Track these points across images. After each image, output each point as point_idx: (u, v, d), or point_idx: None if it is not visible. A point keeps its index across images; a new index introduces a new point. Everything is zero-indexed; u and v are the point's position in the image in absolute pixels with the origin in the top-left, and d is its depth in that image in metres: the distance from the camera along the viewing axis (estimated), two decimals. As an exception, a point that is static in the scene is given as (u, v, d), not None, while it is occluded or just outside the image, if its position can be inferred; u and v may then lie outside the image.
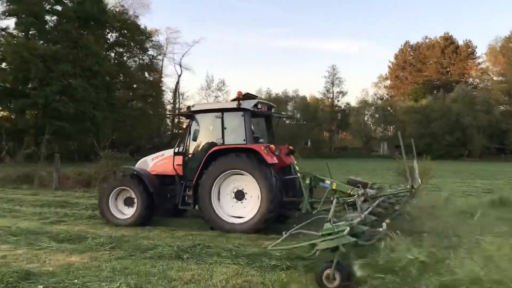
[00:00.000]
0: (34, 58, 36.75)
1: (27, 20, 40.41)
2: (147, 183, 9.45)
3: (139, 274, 5.59)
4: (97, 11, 43.33)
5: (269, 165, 8.52)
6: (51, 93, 37.71)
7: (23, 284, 5.05)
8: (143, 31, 55.30)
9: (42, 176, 17.76)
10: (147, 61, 59.57)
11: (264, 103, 9.70)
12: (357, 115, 75.68)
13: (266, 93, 73.61)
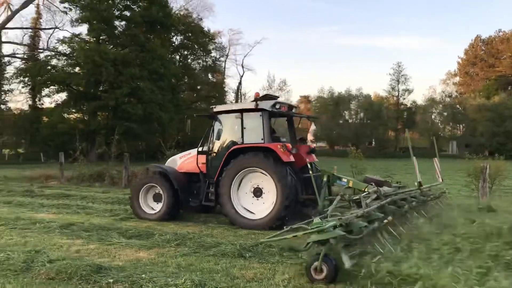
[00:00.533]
0: (105, 62, 38.51)
1: (98, 26, 42.42)
2: (173, 180, 9.89)
3: (203, 271, 5.69)
4: (162, 15, 44.72)
5: (285, 163, 8.75)
6: (120, 95, 39.36)
7: (95, 277, 5.29)
8: (206, 33, 56.50)
9: (113, 174, 18.54)
10: (210, 62, 60.78)
11: (283, 104, 9.90)
12: (424, 114, 72.83)
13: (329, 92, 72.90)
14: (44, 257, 6.03)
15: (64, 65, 45.04)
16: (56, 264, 5.66)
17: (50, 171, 20.92)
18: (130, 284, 5.04)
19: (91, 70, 39.18)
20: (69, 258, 6.04)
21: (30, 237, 7.85)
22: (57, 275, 5.44)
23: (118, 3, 45.07)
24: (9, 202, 12.51)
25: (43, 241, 7.52)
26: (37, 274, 5.51)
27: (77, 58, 41.14)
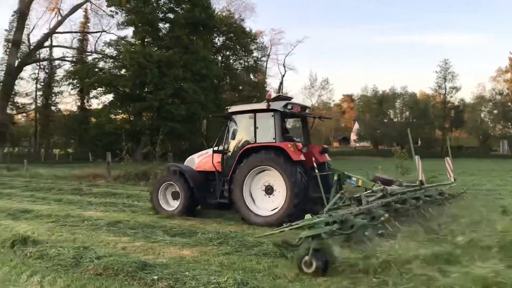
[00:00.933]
0: (149, 64, 39.43)
1: (143, 28, 43.48)
2: (188, 178, 10.21)
3: (245, 270, 5.70)
4: (205, 17, 45.33)
5: (295, 162, 8.90)
6: (164, 96, 40.20)
7: (140, 274, 5.40)
8: (248, 33, 56.85)
9: (157, 173, 18.89)
10: (252, 62, 61.11)
11: (296, 104, 10.05)
12: (473, 112, 70.31)
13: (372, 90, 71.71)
14: (92, 253, 6.21)
15: (111, 67, 46.56)
16: (104, 261, 5.83)
17: (98, 170, 21.56)
18: (174, 281, 5.11)
19: (136, 72, 40.16)
20: (116, 255, 6.20)
21: (79, 234, 8.12)
22: (104, 271, 5.60)
23: (162, 6, 46.07)
24: (59, 200, 12.99)
25: (91, 238, 7.76)
26: (85, 270, 5.69)
27: (123, 60, 42.28)
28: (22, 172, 23.25)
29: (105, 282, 5.26)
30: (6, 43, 43.60)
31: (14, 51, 42.04)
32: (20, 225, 8.91)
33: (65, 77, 49.57)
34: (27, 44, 45.52)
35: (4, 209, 10.71)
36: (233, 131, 10.34)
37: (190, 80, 42.07)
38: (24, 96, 50.47)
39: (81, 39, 51.59)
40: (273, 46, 65.61)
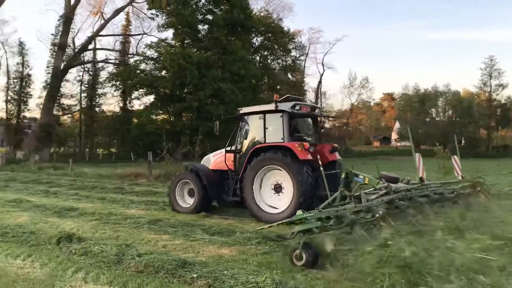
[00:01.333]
0: (189, 65, 39.96)
1: (182, 30, 44.13)
2: (202, 177, 10.62)
3: (283, 270, 5.68)
4: (243, 18, 45.55)
5: (302, 161, 9.11)
6: (203, 97, 40.65)
7: (180, 272, 5.48)
8: (286, 33, 56.74)
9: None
10: (290, 62, 60.98)
11: (305, 105, 10.39)
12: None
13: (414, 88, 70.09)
14: (133, 251, 6.36)
15: (152, 69, 47.52)
16: (145, 258, 5.95)
17: (139, 169, 22.01)
18: (213, 280, 5.16)
19: (176, 73, 40.80)
20: (157, 253, 6.32)
21: (121, 231, 8.33)
22: (146, 268, 5.72)
23: (201, 8, 46.61)
24: (102, 198, 13.36)
25: (133, 235, 7.94)
26: (127, 267, 5.83)
27: (163, 62, 43.04)
28: (67, 171, 24.04)
29: (146, 279, 5.36)
30: (52, 46, 45.35)
31: (60, 54, 43.57)
32: (66, 223, 9.22)
33: (108, 79, 51.04)
34: (72, 48, 47.12)
35: (51, 207, 11.11)
36: (244, 131, 10.66)
37: (228, 80, 42.36)
38: (70, 97, 52.40)
39: (123, 41, 52.89)
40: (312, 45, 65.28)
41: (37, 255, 6.49)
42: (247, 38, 52.72)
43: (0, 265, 6.09)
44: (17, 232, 7.83)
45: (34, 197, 13.77)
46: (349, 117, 72.20)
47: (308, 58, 65.36)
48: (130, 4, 48.19)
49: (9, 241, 7.42)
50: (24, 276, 5.59)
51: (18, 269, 5.90)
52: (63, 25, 43.68)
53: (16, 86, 51.61)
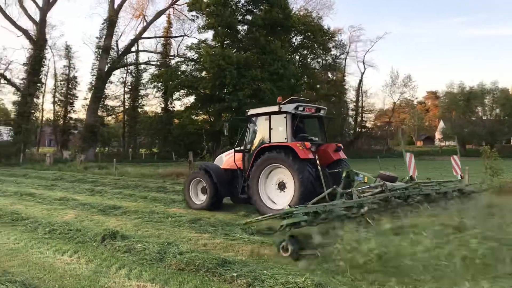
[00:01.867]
0: (229, 65, 40.23)
1: (222, 31, 44.48)
2: (213, 175, 11.22)
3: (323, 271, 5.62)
4: (283, 17, 45.42)
5: (303, 160, 9.47)
6: (243, 97, 40.80)
7: (220, 270, 5.53)
8: (326, 31, 56.18)
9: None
10: (330, 61, 60.38)
11: (309, 106, 10.84)
12: None
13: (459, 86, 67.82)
14: (175, 249, 6.46)
15: (192, 70, 48.15)
16: (186, 256, 6.04)
17: (181, 169, 22.35)
18: (252, 279, 5.17)
19: (216, 74, 41.14)
20: (197, 251, 6.39)
21: (163, 229, 8.49)
22: (187, 266, 5.80)
23: (240, 8, 46.83)
24: (145, 197, 13.65)
25: (174, 234, 8.08)
26: (169, 265, 5.93)
27: (203, 63, 43.49)
28: (111, 171, 24.69)
29: (187, 277, 5.44)
30: (97, 49, 46.63)
31: (104, 57, 44.86)
32: (110, 221, 9.48)
33: (150, 80, 52.13)
34: (115, 50, 48.30)
35: (96, 205, 11.45)
36: (252, 131, 11.28)
37: (267, 80, 42.35)
38: (113, 99, 53.78)
39: (164, 43, 53.79)
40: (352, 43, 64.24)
41: (83, 252, 6.70)
42: (287, 38, 52.55)
43: (49, 260, 6.32)
44: (64, 229, 8.12)
45: (80, 195, 14.24)
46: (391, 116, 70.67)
47: (349, 56, 64.44)
48: (171, 7, 49.08)
49: (57, 238, 7.71)
50: (71, 271, 5.79)
51: (65, 264, 6.10)
52: (107, 28, 44.94)
53: (63, 88, 53.40)
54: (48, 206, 11.59)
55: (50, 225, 8.51)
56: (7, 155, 37.51)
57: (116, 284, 5.25)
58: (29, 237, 7.76)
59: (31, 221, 8.99)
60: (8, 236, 7.91)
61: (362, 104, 65.48)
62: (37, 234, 8.04)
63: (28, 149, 41.97)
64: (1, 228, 8.65)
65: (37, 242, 7.40)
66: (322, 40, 55.80)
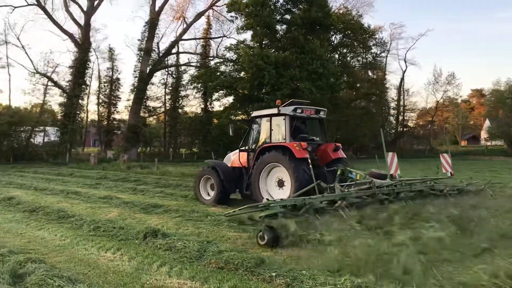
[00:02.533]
0: (267, 65, 40.25)
1: (261, 31, 44.56)
2: (220, 173, 11.94)
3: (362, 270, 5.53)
4: (322, 16, 45.00)
5: (299, 159, 10.03)
6: (281, 97, 40.67)
7: (258, 270, 5.55)
8: (366, 29, 55.26)
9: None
10: (370, 59, 59.34)
11: (308, 108, 11.51)
12: None
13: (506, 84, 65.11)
14: (214, 247, 6.53)
15: (231, 70, 48.46)
16: (225, 255, 6.09)
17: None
18: (291, 279, 5.15)
19: (254, 74, 41.23)
20: (236, 250, 6.43)
21: (202, 228, 8.59)
22: (226, 265, 5.85)
23: (279, 8, 46.76)
24: (185, 196, 13.85)
25: (214, 232, 8.16)
26: (208, 263, 6.00)
27: (242, 63, 43.70)
28: (153, 170, 25.21)
29: (226, 276, 5.48)
30: (139, 51, 47.75)
31: (146, 59, 45.86)
32: (152, 219, 9.68)
33: (190, 81, 52.84)
34: (156, 52, 49.28)
35: (138, 203, 11.72)
36: (255, 132, 12.15)
37: (306, 79, 42.08)
38: (155, 100, 54.83)
39: (204, 44, 54.39)
40: (393, 41, 62.97)
41: (125, 249, 6.87)
42: (326, 36, 52.04)
43: (93, 257, 6.52)
44: (108, 227, 8.36)
45: (123, 194, 14.61)
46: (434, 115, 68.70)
47: (390, 54, 62.97)
48: (211, 8, 49.62)
49: (101, 235, 7.94)
50: (114, 268, 5.94)
51: (108, 261, 6.28)
52: (148, 31, 45.93)
53: (107, 90, 54.97)
54: (92, 204, 11.95)
55: (94, 222, 8.77)
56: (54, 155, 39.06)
57: (157, 281, 5.36)
58: (75, 234, 8.03)
59: (77, 219, 9.30)
60: (55, 233, 8.22)
61: (403, 103, 64.01)
62: (82, 231, 8.31)
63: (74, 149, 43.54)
64: (49, 225, 9.00)
65: (82, 239, 7.66)
66: (362, 38, 54.91)
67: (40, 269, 5.28)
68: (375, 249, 5.69)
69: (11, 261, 5.63)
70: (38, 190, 15.27)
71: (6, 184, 17.79)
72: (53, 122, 47.72)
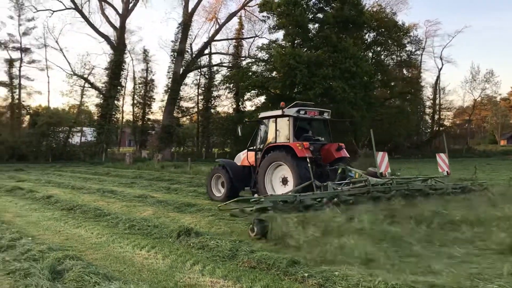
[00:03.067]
0: (299, 65, 40.09)
1: (293, 30, 44.42)
2: (229, 171, 12.58)
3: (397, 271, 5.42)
4: (355, 14, 44.48)
5: (301, 158, 10.50)
6: (313, 96, 40.46)
7: (291, 270, 5.52)
8: (400, 27, 54.27)
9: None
10: (405, 57, 58.22)
11: (312, 109, 12.06)
12: None
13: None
14: (246, 247, 6.54)
15: (263, 70, 48.51)
16: (257, 255, 6.09)
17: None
18: (324, 280, 5.10)
19: (286, 74, 41.14)
20: (268, 250, 6.43)
21: (235, 227, 8.63)
22: (258, 264, 5.85)
23: (312, 7, 46.52)
24: (218, 196, 13.92)
25: (246, 232, 8.15)
26: (241, 262, 6.02)
27: (274, 63, 43.69)
28: (186, 169, 25.48)
29: (258, 275, 5.48)
30: (172, 53, 48.41)
31: (179, 60, 46.46)
32: (185, 218, 9.79)
33: (222, 81, 53.21)
34: (189, 53, 49.84)
35: (172, 202, 11.87)
36: (262, 132, 12.67)
37: (339, 78, 41.70)
38: (188, 100, 55.48)
39: (236, 45, 54.68)
40: (429, 38, 61.33)
41: (159, 247, 6.98)
42: (359, 35, 51.41)
43: (128, 255, 6.65)
44: (143, 225, 8.50)
45: (157, 193, 14.83)
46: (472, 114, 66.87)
47: (425, 52, 61.60)
48: (243, 8, 49.82)
49: (136, 233, 8.09)
50: (149, 266, 6.04)
51: (143, 259, 6.39)
52: (181, 32, 46.51)
53: (141, 91, 55.93)
54: (127, 203, 12.18)
55: (129, 221, 8.94)
56: (91, 155, 40.09)
57: (190, 280, 5.41)
58: (111, 232, 8.21)
59: (112, 217, 9.51)
60: (92, 230, 8.42)
61: (439, 102, 62.53)
62: (117, 229, 8.49)
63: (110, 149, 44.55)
64: (86, 223, 9.23)
65: (118, 237, 7.82)
66: (397, 36, 53.90)
67: (78, 265, 5.41)
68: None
69: (50, 257, 5.79)
70: (76, 189, 15.70)
71: (45, 183, 18.35)
72: (89, 123, 48.99)
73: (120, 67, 43.61)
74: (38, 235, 7.96)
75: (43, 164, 33.78)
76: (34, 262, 5.71)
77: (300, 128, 11.87)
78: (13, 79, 45.43)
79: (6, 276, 5.43)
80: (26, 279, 5.15)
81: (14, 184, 17.03)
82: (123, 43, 43.91)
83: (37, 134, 38.19)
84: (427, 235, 7.07)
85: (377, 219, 7.45)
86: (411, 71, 60.48)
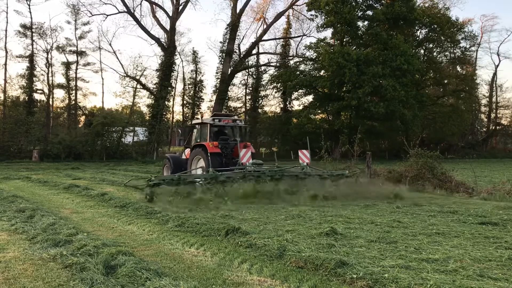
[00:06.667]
0: (348, 63, 39.54)
1: (341, 28, 43.87)
2: (171, 162, 17.88)
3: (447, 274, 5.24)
4: (406, 10, 43.33)
5: (211, 153, 15.02)
6: (362, 95, 39.80)
7: (339, 271, 5.45)
8: (454, 23, 52.36)
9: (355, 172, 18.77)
10: (458, 54, 56.15)
11: (225, 117, 17.14)
12: None
13: None
14: (294, 247, 6.51)
15: (311, 69, 48.22)
16: (305, 255, 6.05)
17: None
18: (373, 282, 5.00)
19: (335, 72, 40.70)
20: (317, 250, 6.38)
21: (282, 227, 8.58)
22: (306, 264, 5.81)
23: (361, 4, 45.77)
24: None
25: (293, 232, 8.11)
26: (288, 262, 6.00)
27: (322, 61, 43.30)
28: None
29: (306, 275, 5.45)
30: (220, 53, 49.03)
31: (228, 60, 46.99)
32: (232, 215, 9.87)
33: (269, 81, 53.36)
34: (237, 53, 50.29)
35: (220, 201, 12.02)
36: (194, 135, 17.62)
37: (389, 76, 40.80)
38: (236, 100, 56.05)
39: (283, 44, 54.63)
40: (485, 33, 59.37)
41: (208, 245, 7.07)
42: (410, 31, 50.10)
43: (178, 252, 6.78)
44: (192, 223, 8.65)
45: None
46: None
47: (480, 48, 59.42)
48: (291, 7, 49.73)
49: (186, 231, 8.24)
50: (198, 263, 6.14)
51: (192, 256, 6.50)
52: (229, 33, 47.01)
53: (191, 91, 57.00)
54: (177, 201, 12.44)
55: (179, 218, 9.12)
56: (143, 154, 41.25)
57: (238, 278, 5.45)
58: (161, 229, 8.41)
59: (163, 215, 9.73)
60: (144, 227, 8.66)
61: (496, 100, 59.90)
62: (168, 227, 8.68)
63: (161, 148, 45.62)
64: (138, 220, 9.51)
65: (168, 234, 8.00)
66: (450, 32, 52.00)
67: (130, 261, 5.58)
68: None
69: (104, 253, 6.01)
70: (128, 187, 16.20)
71: (99, 181, 19.05)
72: (141, 123, 50.45)
73: (170, 68, 44.60)
74: (93, 231, 8.27)
75: (98, 163, 35.11)
76: (89, 257, 5.94)
77: (220, 132, 16.90)
78: (70, 81, 47.58)
79: (63, 270, 5.67)
80: (81, 273, 5.37)
81: (70, 181, 17.78)
82: (173, 44, 44.88)
83: (92, 133, 39.67)
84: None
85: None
86: (465, 68, 58.25)
